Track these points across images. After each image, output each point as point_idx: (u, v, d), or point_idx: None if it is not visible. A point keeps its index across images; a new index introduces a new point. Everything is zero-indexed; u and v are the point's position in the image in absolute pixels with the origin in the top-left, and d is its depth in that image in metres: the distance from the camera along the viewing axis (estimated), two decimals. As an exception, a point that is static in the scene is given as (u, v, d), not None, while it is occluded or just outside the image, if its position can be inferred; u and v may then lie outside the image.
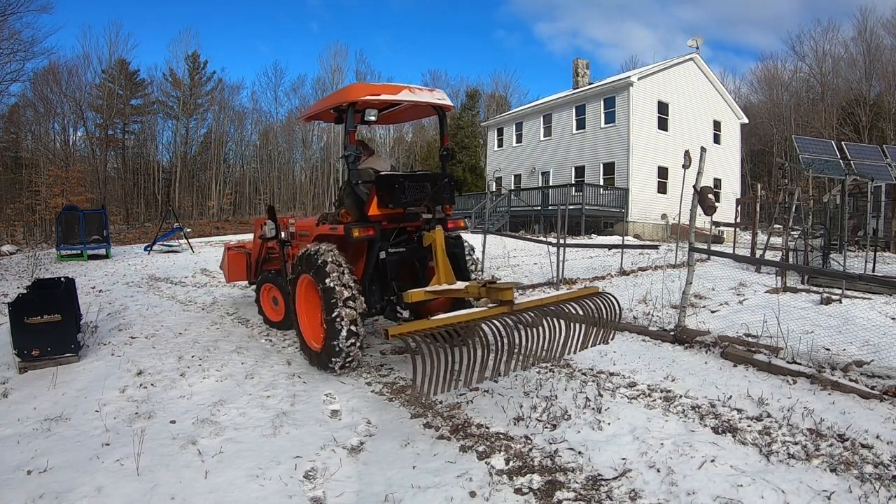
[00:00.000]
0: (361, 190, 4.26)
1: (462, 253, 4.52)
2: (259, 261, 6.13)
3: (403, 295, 3.86)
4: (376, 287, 4.27)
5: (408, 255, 4.40)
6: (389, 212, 4.20)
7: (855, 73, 35.67)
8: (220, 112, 45.92)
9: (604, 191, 21.21)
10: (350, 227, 4.10)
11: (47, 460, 2.78)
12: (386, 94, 4.28)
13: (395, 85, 4.41)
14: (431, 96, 4.52)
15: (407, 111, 5.05)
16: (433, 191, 4.31)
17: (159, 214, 33.92)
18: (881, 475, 2.51)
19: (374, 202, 4.16)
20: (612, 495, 2.44)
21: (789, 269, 7.98)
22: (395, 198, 4.14)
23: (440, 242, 4.02)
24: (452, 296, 3.91)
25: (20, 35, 22.43)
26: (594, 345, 3.58)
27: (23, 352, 4.23)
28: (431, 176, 4.44)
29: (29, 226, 30.60)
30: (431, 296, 3.91)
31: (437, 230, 4.08)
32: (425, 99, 4.48)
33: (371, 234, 4.14)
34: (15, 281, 9.91)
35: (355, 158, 4.29)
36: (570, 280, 8.39)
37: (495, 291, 3.39)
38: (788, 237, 9.31)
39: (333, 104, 4.43)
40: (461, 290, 3.76)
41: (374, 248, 4.20)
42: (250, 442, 3.05)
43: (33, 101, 36.70)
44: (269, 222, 5.23)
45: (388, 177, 4.25)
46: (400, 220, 4.34)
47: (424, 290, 3.87)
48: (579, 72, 26.80)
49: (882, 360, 3.97)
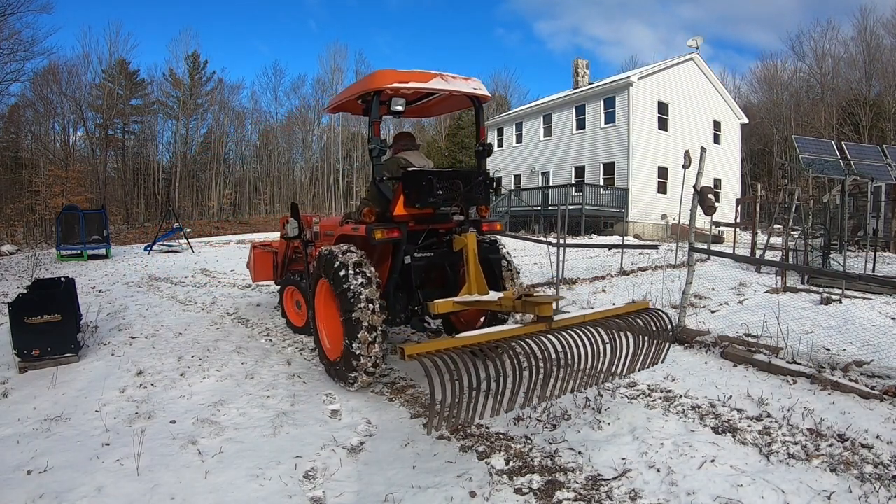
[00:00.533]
0: (386, 187, 3.87)
1: (498, 259, 4.16)
2: (286, 261, 5.84)
3: (429, 305, 3.57)
4: (401, 294, 3.93)
5: (437, 261, 4.03)
6: (417, 212, 3.83)
7: (855, 73, 35.68)
8: (220, 112, 45.98)
9: (604, 191, 21.22)
10: (372, 227, 3.72)
11: (47, 460, 2.78)
12: (415, 81, 3.82)
13: (426, 72, 3.92)
14: (466, 85, 4.05)
15: (438, 103, 4.60)
16: (466, 189, 3.90)
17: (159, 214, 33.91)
18: (881, 475, 2.51)
19: (401, 201, 3.79)
20: (612, 495, 2.44)
21: (789, 269, 7.98)
22: (424, 196, 3.75)
23: (472, 248, 3.64)
24: (484, 308, 3.60)
25: (20, 35, 22.45)
26: (643, 368, 3.25)
27: (23, 352, 4.23)
28: (465, 173, 4.02)
29: (29, 226, 30.61)
30: (460, 307, 3.61)
31: (469, 234, 3.68)
32: (459, 88, 4.00)
33: (396, 236, 3.77)
34: (15, 281, 9.91)
35: (380, 152, 3.85)
36: (571, 280, 8.39)
37: (532, 305, 3.01)
38: (788, 237, 9.31)
39: (359, 93, 4.00)
40: (493, 303, 3.43)
41: (400, 251, 3.84)
42: (250, 442, 3.05)
43: (33, 101, 36.76)
44: (292, 220, 4.90)
45: (416, 173, 3.84)
46: (429, 222, 3.96)
47: (453, 301, 3.57)
48: (579, 72, 26.80)
49: (882, 360, 3.97)
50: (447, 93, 4.09)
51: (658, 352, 3.27)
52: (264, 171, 47.89)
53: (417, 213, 3.84)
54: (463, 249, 3.70)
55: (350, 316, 3.49)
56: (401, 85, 3.78)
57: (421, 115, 5.20)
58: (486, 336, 2.78)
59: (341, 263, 3.63)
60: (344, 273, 3.58)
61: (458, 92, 4.05)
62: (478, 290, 3.58)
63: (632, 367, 3.15)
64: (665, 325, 3.28)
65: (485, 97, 4.15)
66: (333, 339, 4.02)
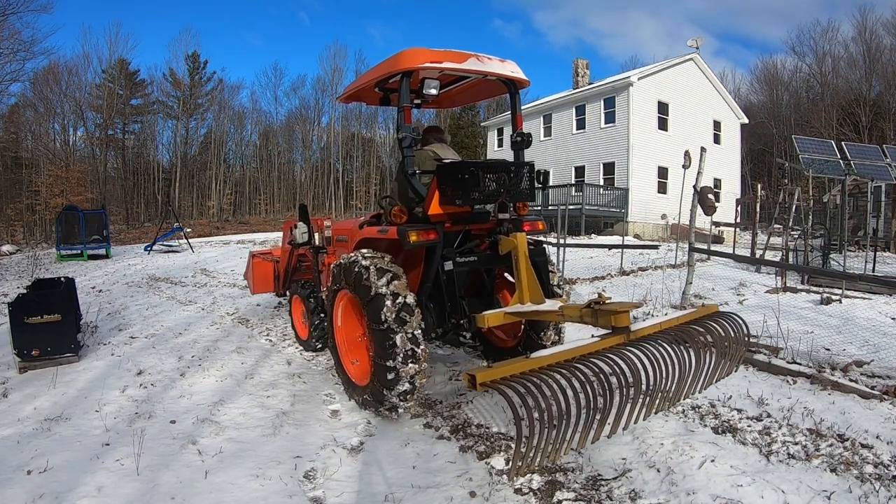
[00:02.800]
0: (419, 182, 3.45)
1: (545, 262, 3.66)
2: (288, 270, 5.37)
3: (476, 318, 3.19)
4: (435, 306, 3.45)
5: (484, 266, 3.62)
6: (454, 210, 3.38)
7: (855, 73, 35.70)
8: (220, 112, 46.05)
9: (604, 191, 21.22)
10: (405, 229, 3.22)
11: (47, 460, 2.78)
12: (450, 61, 3.34)
13: (461, 52, 3.44)
14: (503, 67, 3.58)
15: (467, 89, 4.11)
16: (510, 184, 3.41)
17: (159, 214, 33.97)
18: (881, 475, 2.51)
19: (436, 198, 3.33)
20: (612, 495, 2.44)
21: (789, 269, 7.98)
22: (464, 193, 3.25)
23: (523, 250, 3.24)
24: (542, 318, 3.18)
25: (20, 35, 22.42)
26: (720, 378, 2.94)
27: (23, 352, 4.23)
28: (506, 164, 3.47)
29: (29, 226, 30.65)
30: (513, 319, 3.22)
31: (518, 235, 3.28)
32: (497, 70, 3.53)
33: (432, 239, 3.26)
34: (15, 281, 9.92)
35: (412, 142, 3.38)
36: (571, 280, 8.39)
37: (606, 315, 2.63)
38: (788, 237, 9.31)
39: (382, 76, 3.51)
40: (554, 312, 3.01)
41: (434, 256, 3.34)
42: (250, 442, 3.05)
43: (33, 101, 36.81)
44: (301, 225, 4.46)
45: (452, 166, 3.38)
46: (466, 221, 3.53)
47: (505, 312, 3.19)
48: (579, 72, 26.81)
49: (882, 360, 3.97)
50: (482, 75, 3.59)
51: (734, 361, 2.95)
52: (264, 171, 47.92)
53: (454, 211, 3.40)
54: (511, 252, 3.29)
55: (382, 329, 3.01)
56: (434, 65, 3.31)
57: (444, 106, 4.70)
58: (564, 354, 2.45)
59: (368, 269, 3.16)
60: (372, 280, 3.09)
61: (495, 74, 3.57)
62: (532, 298, 3.18)
63: (710, 379, 2.82)
64: (742, 331, 2.98)
65: (523, 81, 3.69)
66: (358, 356, 3.59)
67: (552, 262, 3.92)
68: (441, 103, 4.60)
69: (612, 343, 2.56)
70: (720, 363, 2.85)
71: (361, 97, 4.30)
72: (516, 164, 3.55)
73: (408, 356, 3.00)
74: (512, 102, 3.86)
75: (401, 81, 3.37)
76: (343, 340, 3.69)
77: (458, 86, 4.04)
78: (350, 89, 4.13)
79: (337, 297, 3.63)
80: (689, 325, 2.86)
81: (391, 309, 3.01)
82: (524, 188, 3.54)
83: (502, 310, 3.25)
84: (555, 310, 3.03)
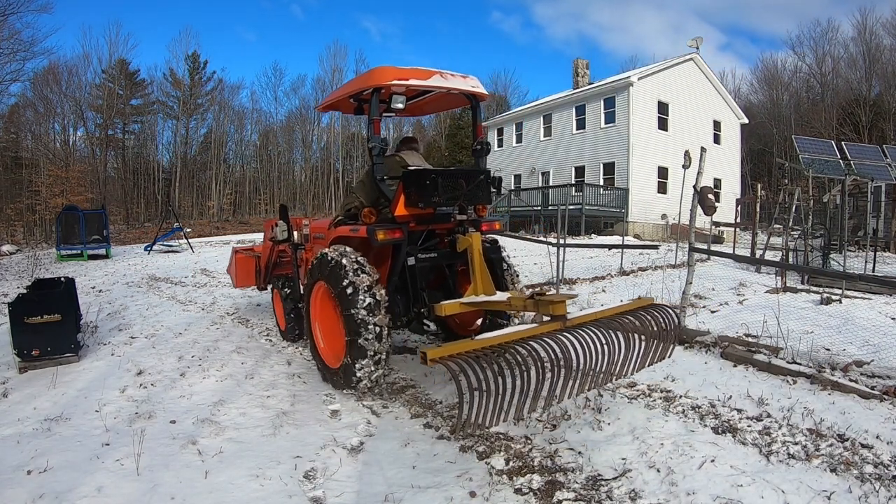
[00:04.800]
0: (387, 187, 3.83)
1: (499, 259, 4.15)
2: (269, 265, 5.77)
3: (435, 307, 3.52)
4: (401, 297, 3.91)
5: (443, 262, 4.04)
6: (418, 212, 3.79)
7: (855, 73, 35.70)
8: (220, 112, 46.00)
9: (604, 191, 21.22)
10: (374, 228, 3.65)
11: (47, 460, 2.78)
12: (415, 78, 3.79)
13: (425, 69, 3.90)
14: (465, 83, 4.03)
15: (436, 100, 4.57)
16: (468, 189, 3.88)
17: (159, 214, 33.96)
18: (881, 475, 2.51)
19: (402, 201, 3.73)
20: (612, 495, 2.44)
21: (789, 270, 7.98)
22: (426, 196, 3.70)
23: (477, 247, 3.66)
24: (492, 308, 3.60)
25: (20, 35, 22.47)
26: (653, 363, 3.27)
27: (23, 352, 4.23)
28: (466, 172, 4.00)
29: (29, 226, 30.63)
30: (468, 308, 3.59)
31: (474, 234, 3.71)
32: (458, 86, 3.98)
33: (398, 237, 3.70)
34: (15, 281, 9.92)
35: (381, 151, 3.82)
36: (571, 280, 8.39)
37: (545, 304, 3.00)
38: (788, 237, 9.31)
39: (355, 90, 3.96)
40: (503, 303, 3.42)
41: (400, 252, 3.79)
42: (250, 442, 3.05)
43: (33, 101, 36.77)
44: (281, 223, 4.79)
45: (417, 172, 3.81)
46: (429, 222, 3.92)
47: (460, 302, 3.55)
48: (579, 72, 26.83)
49: (882, 360, 3.97)
50: (445, 90, 4.04)
51: (665, 348, 3.31)
52: (264, 171, 47.90)
53: (418, 213, 3.80)
54: (467, 250, 3.70)
55: (352, 317, 3.43)
56: (401, 82, 3.74)
57: (414, 114, 5.17)
58: (505, 337, 2.76)
59: (340, 263, 3.60)
60: (345, 272, 3.53)
61: (457, 90, 4.02)
62: (484, 290, 3.57)
63: (642, 363, 3.18)
64: (672, 321, 3.33)
65: (482, 95, 4.14)
66: (332, 344, 3.95)
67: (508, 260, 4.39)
68: (413, 112, 5.00)
69: (549, 329, 2.90)
70: (650, 349, 3.19)
71: (338, 107, 4.72)
72: (474, 171, 4.02)
73: (375, 336, 3.42)
74: (473, 114, 4.34)
75: (371, 96, 3.79)
76: (319, 327, 4.06)
77: (424, 98, 4.48)
78: (328, 100, 4.60)
79: (314, 288, 4.02)
80: (623, 315, 3.18)
81: (360, 296, 3.43)
82: (480, 193, 4.00)
83: (458, 300, 3.59)
84: (503, 300, 3.43)
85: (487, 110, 43.58)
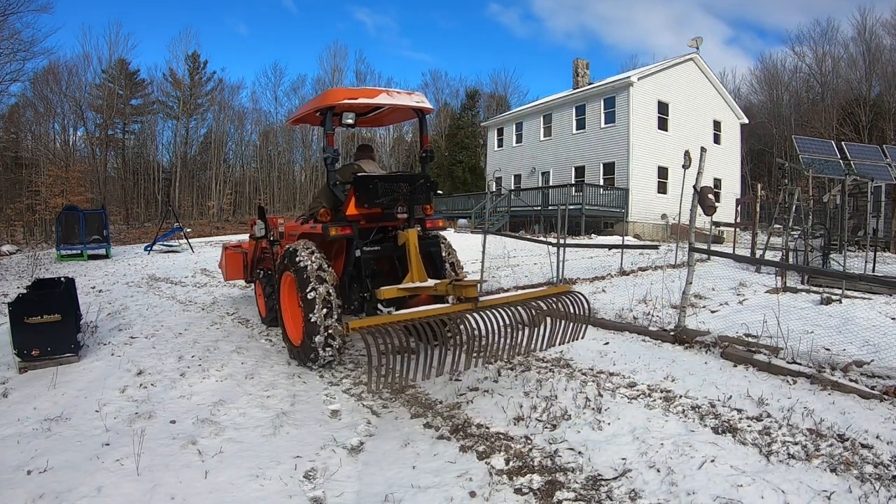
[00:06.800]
0: (339, 190, 4.43)
1: (438, 252, 4.63)
2: (254, 260, 6.29)
3: (377, 292, 3.98)
4: (356, 285, 4.41)
5: (386, 254, 4.49)
6: (367, 211, 4.31)
7: (855, 73, 35.69)
8: (220, 112, 45.91)
9: (604, 191, 21.22)
10: (327, 226, 4.24)
11: (47, 460, 2.78)
12: (363, 97, 4.37)
13: (373, 89, 4.51)
14: (410, 99, 4.57)
15: (388, 114, 5.14)
16: (409, 191, 4.41)
17: (159, 214, 33.95)
18: (881, 475, 2.51)
19: (352, 202, 4.28)
20: (612, 495, 2.44)
21: (789, 270, 7.98)
22: (372, 198, 4.26)
23: (413, 241, 4.17)
24: (422, 293, 4.03)
25: (20, 35, 22.47)
26: (564, 342, 3.67)
27: (23, 352, 4.23)
28: (408, 177, 4.54)
29: (29, 226, 30.60)
30: (403, 293, 4.02)
31: (410, 230, 4.21)
32: (403, 102, 4.53)
33: (348, 233, 4.26)
34: (15, 281, 9.92)
35: (333, 160, 4.40)
36: (571, 280, 8.39)
37: (459, 288, 3.52)
38: (788, 237, 9.30)
39: (314, 109, 4.55)
40: (430, 288, 3.90)
41: (352, 246, 4.33)
42: (250, 442, 3.05)
43: (33, 101, 36.74)
44: (259, 222, 5.50)
45: (365, 178, 4.35)
46: (378, 220, 4.47)
47: (397, 288, 4.00)
48: (579, 72, 26.85)
49: (882, 360, 3.97)
50: (392, 106, 4.57)
51: (576, 330, 3.70)
52: (264, 171, 47.86)
53: (367, 212, 4.33)
54: (405, 243, 4.18)
55: (307, 293, 3.98)
56: (350, 101, 4.31)
57: (373, 125, 5.76)
58: (419, 313, 3.20)
59: (301, 256, 4.15)
60: (301, 259, 4.12)
61: (402, 105, 4.54)
62: (418, 278, 4.08)
63: (550, 342, 3.60)
64: (582, 306, 3.72)
65: (427, 109, 4.67)
66: (297, 325, 4.36)
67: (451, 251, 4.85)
68: (371, 123, 5.60)
69: (459, 308, 3.37)
70: (558, 330, 3.60)
71: (305, 121, 5.29)
72: (414, 176, 4.55)
73: (325, 313, 3.96)
74: (420, 126, 4.84)
75: (325, 115, 4.35)
76: (286, 310, 4.63)
77: (376, 113, 5.03)
78: (295, 115, 5.22)
79: (283, 277, 4.56)
80: (535, 300, 3.62)
81: (312, 279, 4.02)
82: (421, 195, 4.52)
83: (395, 286, 4.01)
84: (430, 286, 3.91)
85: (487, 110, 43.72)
